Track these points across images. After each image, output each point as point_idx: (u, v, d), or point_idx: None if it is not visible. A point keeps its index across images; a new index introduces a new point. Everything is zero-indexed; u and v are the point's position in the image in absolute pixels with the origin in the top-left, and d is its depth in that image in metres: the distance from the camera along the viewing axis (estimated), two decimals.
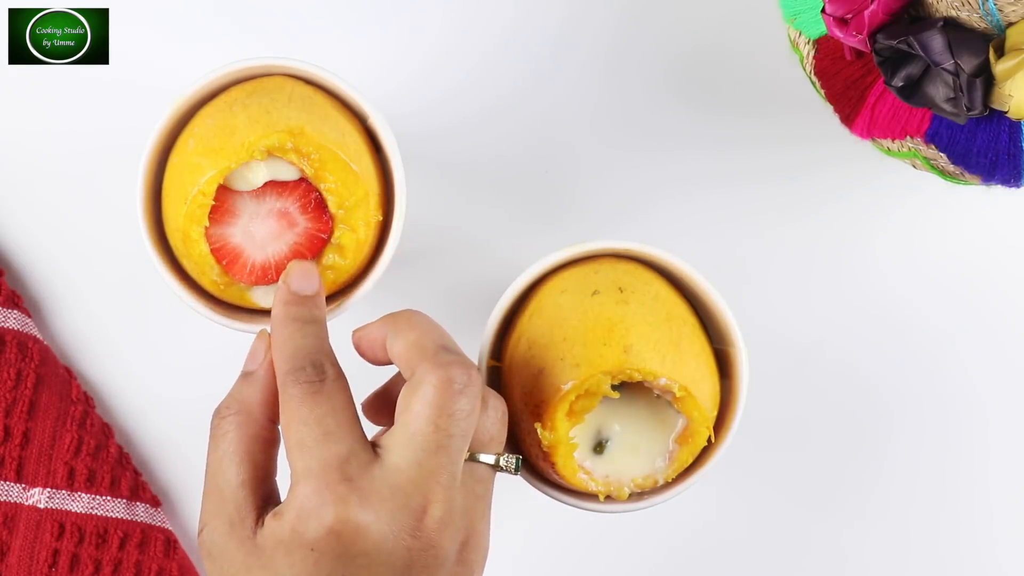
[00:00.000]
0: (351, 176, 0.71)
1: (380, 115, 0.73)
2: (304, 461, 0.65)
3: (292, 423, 0.66)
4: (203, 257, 0.72)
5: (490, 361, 0.74)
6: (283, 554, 0.64)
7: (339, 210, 0.72)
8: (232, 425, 0.68)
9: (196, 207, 0.71)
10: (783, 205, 0.84)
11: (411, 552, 0.64)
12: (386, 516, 0.64)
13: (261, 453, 0.68)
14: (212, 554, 0.66)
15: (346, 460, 0.65)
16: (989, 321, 0.84)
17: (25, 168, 0.83)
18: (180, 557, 0.82)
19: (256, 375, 0.69)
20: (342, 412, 0.66)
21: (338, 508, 0.64)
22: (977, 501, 0.84)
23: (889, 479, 0.84)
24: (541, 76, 0.84)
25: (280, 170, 0.71)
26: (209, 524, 0.66)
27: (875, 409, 0.84)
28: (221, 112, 0.72)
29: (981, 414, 0.84)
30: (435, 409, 0.65)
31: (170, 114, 0.73)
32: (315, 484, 0.64)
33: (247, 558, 0.65)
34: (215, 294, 0.73)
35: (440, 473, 0.65)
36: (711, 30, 0.84)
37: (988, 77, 0.71)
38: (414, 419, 0.65)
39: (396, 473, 0.65)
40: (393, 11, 0.84)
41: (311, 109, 0.72)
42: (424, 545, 0.64)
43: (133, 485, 0.82)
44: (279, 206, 0.72)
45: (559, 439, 0.71)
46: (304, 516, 0.64)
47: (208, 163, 0.70)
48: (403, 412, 0.66)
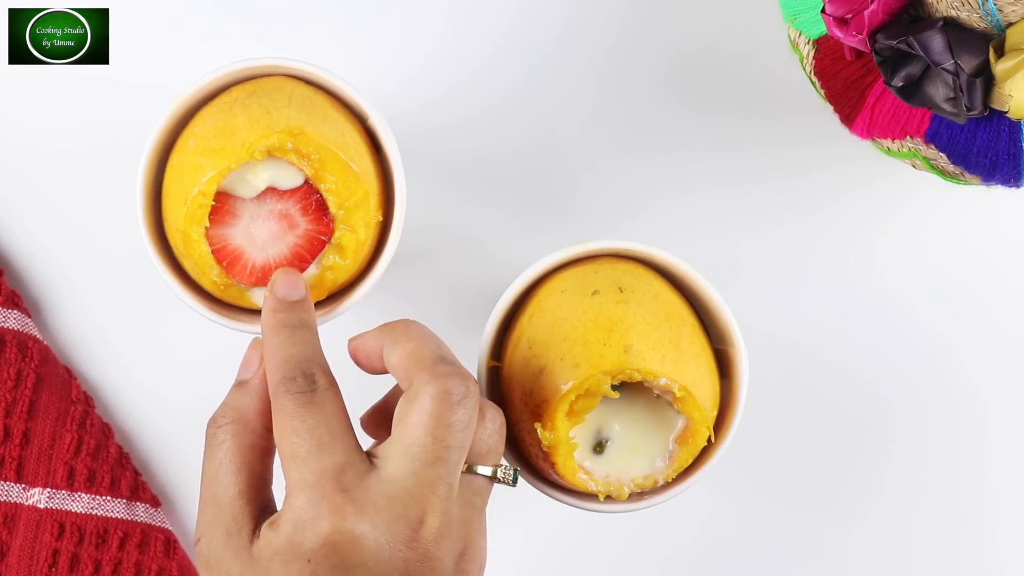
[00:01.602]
0: (351, 176, 0.71)
1: (380, 115, 0.73)
2: (299, 472, 0.65)
3: (285, 434, 0.66)
4: (203, 258, 0.72)
5: (490, 361, 0.74)
6: (279, 565, 0.64)
7: (339, 210, 0.72)
8: (228, 434, 0.67)
9: (196, 207, 0.71)
10: (783, 205, 0.84)
11: (408, 563, 0.64)
12: (383, 527, 0.64)
13: (258, 462, 0.68)
14: (209, 564, 0.66)
15: (341, 470, 0.64)
16: (989, 321, 0.84)
17: (25, 168, 0.83)
18: (180, 557, 0.82)
19: (250, 384, 0.69)
20: (335, 421, 0.66)
21: (334, 519, 0.64)
22: (978, 501, 0.84)
23: (890, 480, 0.84)
24: (541, 77, 0.84)
25: (281, 172, 0.71)
26: (206, 534, 0.66)
27: (876, 409, 0.84)
28: (221, 112, 0.72)
29: (982, 415, 0.84)
30: (433, 420, 0.65)
31: (170, 114, 0.73)
32: (310, 495, 0.64)
33: (243, 569, 0.65)
34: (215, 294, 0.73)
35: (437, 484, 0.65)
36: (711, 30, 0.84)
37: (988, 77, 0.71)
38: (411, 430, 0.65)
39: (392, 484, 0.65)
40: (394, 10, 0.84)
41: (311, 109, 0.72)
42: (421, 556, 0.64)
43: (133, 485, 0.82)
44: (280, 208, 0.72)
45: (559, 439, 0.71)
46: (300, 527, 0.64)
47: (208, 163, 0.70)
48: (400, 423, 0.66)
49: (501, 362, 0.74)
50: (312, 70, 0.73)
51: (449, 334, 0.82)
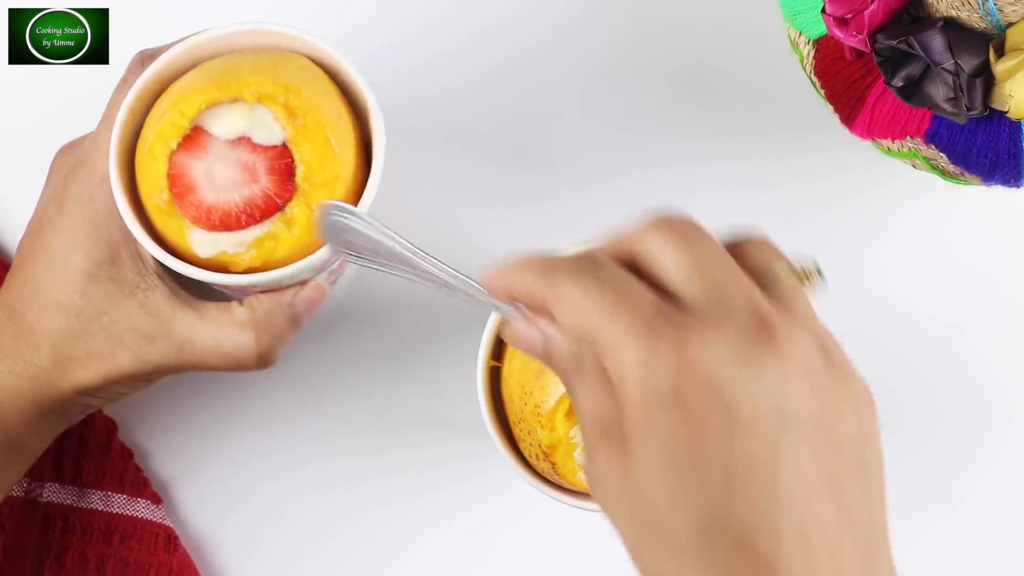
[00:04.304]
0: (328, 154, 0.71)
1: (381, 119, 0.73)
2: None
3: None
4: (157, 178, 0.71)
5: (490, 361, 0.74)
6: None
7: (304, 182, 0.71)
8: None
9: (170, 125, 0.70)
10: (783, 205, 0.84)
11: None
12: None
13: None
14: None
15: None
16: (989, 321, 0.84)
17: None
18: (180, 555, 0.82)
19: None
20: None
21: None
22: (979, 502, 0.84)
23: (890, 480, 0.84)
24: (539, 81, 0.84)
25: (263, 125, 0.71)
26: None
27: (881, 409, 0.84)
28: (232, 56, 0.73)
29: (988, 413, 0.84)
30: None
31: (191, 45, 0.73)
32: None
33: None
34: (158, 224, 0.72)
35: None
36: (711, 30, 0.84)
37: (988, 77, 0.71)
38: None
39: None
40: (401, 13, 0.84)
41: (316, 85, 0.72)
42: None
43: (135, 482, 0.82)
44: (248, 159, 0.71)
45: (559, 439, 0.71)
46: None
47: (200, 88, 0.71)
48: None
49: (501, 362, 0.74)
50: (330, 54, 0.73)
51: (449, 334, 0.83)
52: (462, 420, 0.82)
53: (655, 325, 0.54)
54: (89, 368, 0.73)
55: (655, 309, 0.55)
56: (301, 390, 0.82)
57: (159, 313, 0.73)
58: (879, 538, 0.57)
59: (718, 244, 0.57)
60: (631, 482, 0.55)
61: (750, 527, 0.53)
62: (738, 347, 0.54)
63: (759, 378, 0.54)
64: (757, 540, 0.53)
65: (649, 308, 0.55)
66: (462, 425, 0.82)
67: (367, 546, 0.82)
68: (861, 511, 0.56)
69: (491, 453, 0.78)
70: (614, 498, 0.55)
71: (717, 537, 0.53)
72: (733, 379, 0.54)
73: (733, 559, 0.53)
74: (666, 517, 0.54)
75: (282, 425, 0.83)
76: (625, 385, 0.54)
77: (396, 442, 0.82)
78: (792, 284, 0.58)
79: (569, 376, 0.57)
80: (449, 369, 0.82)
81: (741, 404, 0.54)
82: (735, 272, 0.56)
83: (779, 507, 0.54)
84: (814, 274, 0.60)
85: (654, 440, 0.54)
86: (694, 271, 0.56)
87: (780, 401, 0.54)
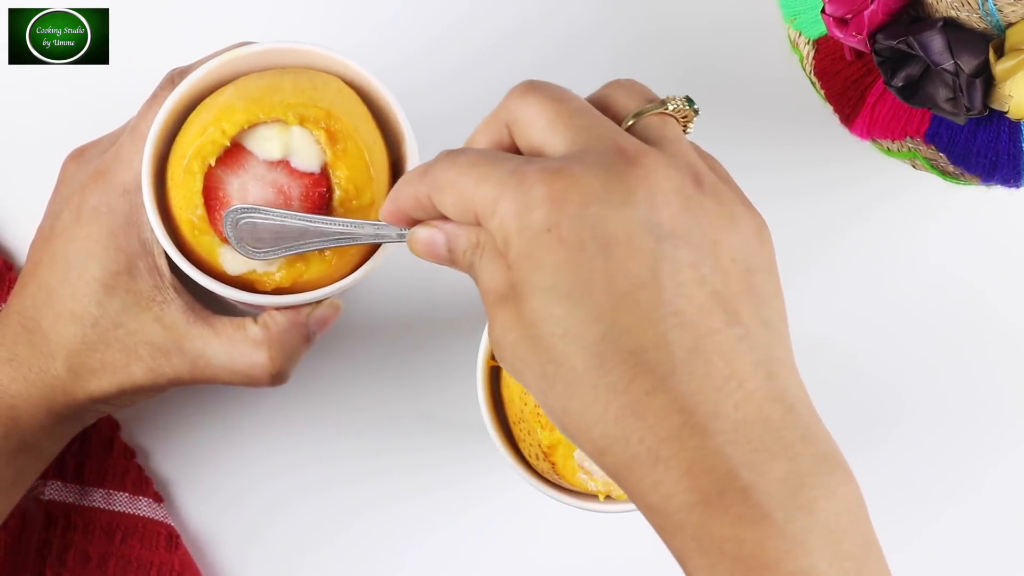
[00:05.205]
0: (365, 179, 0.71)
1: (415, 147, 0.73)
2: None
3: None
4: (192, 195, 0.71)
5: (490, 361, 0.74)
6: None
7: (340, 207, 0.71)
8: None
9: (210, 142, 0.70)
10: (783, 205, 0.84)
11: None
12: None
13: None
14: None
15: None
16: (989, 321, 0.84)
17: (25, 168, 0.83)
18: (182, 553, 0.82)
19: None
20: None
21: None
22: (979, 502, 0.84)
23: (890, 482, 0.84)
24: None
25: (303, 150, 0.71)
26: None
27: (876, 409, 0.84)
28: (270, 74, 0.72)
29: (987, 413, 0.84)
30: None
31: (222, 62, 0.72)
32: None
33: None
34: (189, 239, 0.72)
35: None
36: (711, 30, 0.84)
37: (988, 77, 0.71)
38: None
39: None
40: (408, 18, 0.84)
41: (354, 109, 0.72)
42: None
43: (137, 480, 0.82)
44: (285, 183, 0.71)
45: (559, 439, 0.71)
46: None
47: (242, 107, 0.70)
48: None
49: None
50: (366, 78, 0.73)
51: (449, 334, 0.83)
52: (462, 420, 0.82)
53: (525, 174, 0.56)
54: (103, 379, 0.73)
55: (523, 161, 0.57)
56: (302, 391, 0.83)
57: (174, 327, 0.73)
58: (784, 361, 0.56)
59: (579, 98, 0.59)
60: (525, 326, 0.56)
61: (641, 347, 0.54)
62: (604, 177, 0.56)
63: (627, 202, 0.55)
64: (649, 358, 0.54)
65: (518, 162, 0.57)
66: (462, 425, 0.82)
67: (367, 545, 0.82)
68: (758, 334, 0.56)
69: (491, 453, 0.79)
70: (517, 352, 0.56)
71: (610, 360, 0.54)
72: (602, 205, 0.55)
73: (629, 379, 0.54)
74: (562, 350, 0.55)
75: (283, 425, 0.83)
76: (508, 236, 0.56)
77: (396, 442, 0.82)
78: (655, 119, 0.59)
79: (473, 267, 0.59)
80: (449, 369, 0.82)
81: (614, 228, 0.55)
82: (597, 117, 0.58)
83: (666, 321, 0.54)
84: (685, 107, 0.61)
85: (538, 278, 0.55)
86: (559, 123, 0.58)
87: (651, 220, 0.55)
